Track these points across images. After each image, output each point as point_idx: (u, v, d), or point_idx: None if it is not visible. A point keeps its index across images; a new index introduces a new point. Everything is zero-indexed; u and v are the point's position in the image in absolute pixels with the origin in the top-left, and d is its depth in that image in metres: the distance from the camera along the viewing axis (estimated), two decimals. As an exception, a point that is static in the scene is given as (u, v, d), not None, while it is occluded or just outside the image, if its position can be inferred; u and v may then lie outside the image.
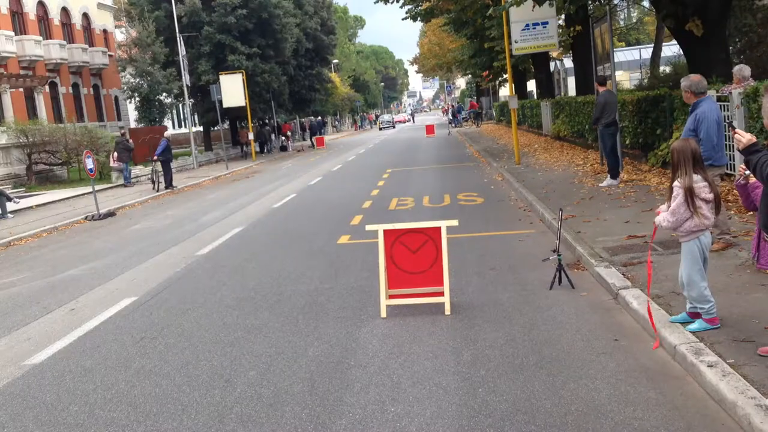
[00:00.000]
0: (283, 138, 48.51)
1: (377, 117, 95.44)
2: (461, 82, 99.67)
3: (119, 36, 45.63)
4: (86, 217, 17.08)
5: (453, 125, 53.88)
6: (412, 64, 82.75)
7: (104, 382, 5.62)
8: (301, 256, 10.11)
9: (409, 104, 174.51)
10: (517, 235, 10.02)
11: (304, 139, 53.04)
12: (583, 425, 4.12)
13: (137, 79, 35.84)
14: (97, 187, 18.59)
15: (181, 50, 33.11)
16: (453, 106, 70.41)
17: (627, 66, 45.85)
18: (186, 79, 33.56)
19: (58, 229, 15.89)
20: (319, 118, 67.89)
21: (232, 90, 34.76)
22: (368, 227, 7.01)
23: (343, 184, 20.46)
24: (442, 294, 6.58)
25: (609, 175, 13.11)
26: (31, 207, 20.41)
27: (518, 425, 4.19)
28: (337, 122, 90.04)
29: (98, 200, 17.79)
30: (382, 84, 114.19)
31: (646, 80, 27.83)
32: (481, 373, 5.05)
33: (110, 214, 17.58)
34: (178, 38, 33.12)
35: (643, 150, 14.76)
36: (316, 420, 4.52)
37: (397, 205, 14.26)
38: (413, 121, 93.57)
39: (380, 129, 78.64)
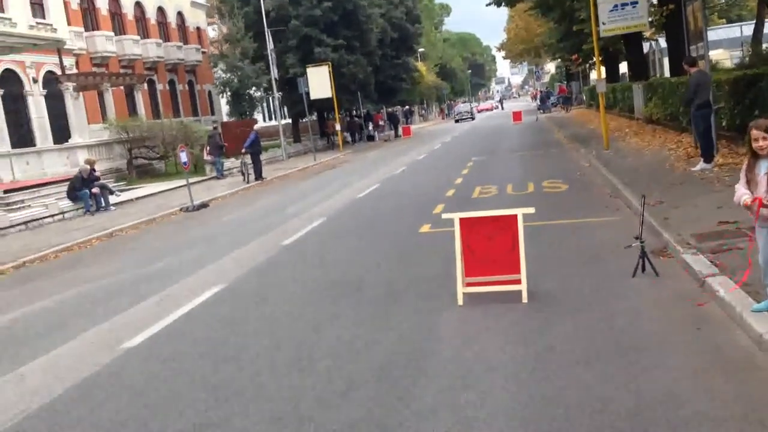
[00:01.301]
0: (372, 128, 49.01)
1: None
2: (550, 67, 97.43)
3: (211, 33, 47.21)
4: (181, 209, 17.86)
5: (541, 111, 52.80)
6: (499, 50, 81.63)
7: (192, 365, 5.91)
8: (382, 245, 10.24)
9: (497, 90, 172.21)
10: (601, 222, 9.78)
11: (389, 129, 53.49)
12: (658, 416, 4.02)
13: (228, 74, 36.98)
14: (191, 180, 19.35)
15: (270, 44, 33.94)
16: (541, 91, 68.99)
17: (728, 44, 43.53)
18: (274, 72, 34.38)
19: (155, 221, 16.69)
20: (407, 107, 68.01)
21: (319, 82, 35.35)
22: (444, 215, 7.04)
23: (428, 173, 20.47)
24: (519, 282, 6.52)
25: (702, 159, 12.55)
26: (131, 199, 21.52)
27: (590, 415, 4.13)
28: (423, 111, 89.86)
29: (192, 192, 18.52)
30: (470, 71, 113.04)
31: (747, 58, 26.33)
32: (555, 361, 4.99)
33: (203, 205, 18.29)
34: (266, 33, 33.96)
35: (739, 132, 14.02)
36: (388, 405, 4.60)
37: (480, 193, 14.16)
38: (501, 108, 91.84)
39: (456, 121, 65.57)
